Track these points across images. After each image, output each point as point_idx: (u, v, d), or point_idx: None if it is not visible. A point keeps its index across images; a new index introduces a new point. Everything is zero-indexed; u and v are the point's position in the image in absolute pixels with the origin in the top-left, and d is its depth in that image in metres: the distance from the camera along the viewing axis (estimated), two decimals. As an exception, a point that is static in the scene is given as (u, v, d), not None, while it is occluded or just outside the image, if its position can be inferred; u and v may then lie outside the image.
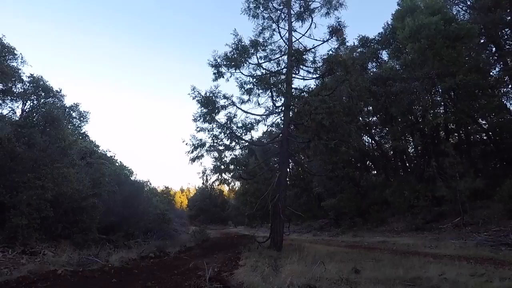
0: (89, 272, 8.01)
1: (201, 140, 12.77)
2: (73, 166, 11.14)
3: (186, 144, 12.73)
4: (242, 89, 13.26)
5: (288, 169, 14.17)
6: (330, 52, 13.46)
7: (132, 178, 27.65)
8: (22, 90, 28.44)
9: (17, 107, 23.93)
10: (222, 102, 13.29)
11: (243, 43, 13.16)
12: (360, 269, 8.20)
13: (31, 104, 30.04)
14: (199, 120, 12.63)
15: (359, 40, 25.72)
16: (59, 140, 10.70)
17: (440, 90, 20.19)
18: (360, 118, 19.01)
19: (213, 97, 13.05)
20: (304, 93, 13.13)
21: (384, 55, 26.04)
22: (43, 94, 31.53)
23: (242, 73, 13.93)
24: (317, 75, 13.84)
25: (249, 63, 14.11)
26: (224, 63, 13.87)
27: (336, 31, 12.73)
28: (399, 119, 22.30)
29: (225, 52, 13.76)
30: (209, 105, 12.67)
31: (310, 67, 14.07)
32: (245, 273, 7.70)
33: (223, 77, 14.02)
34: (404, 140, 22.96)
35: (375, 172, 29.72)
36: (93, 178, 12.86)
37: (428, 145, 20.25)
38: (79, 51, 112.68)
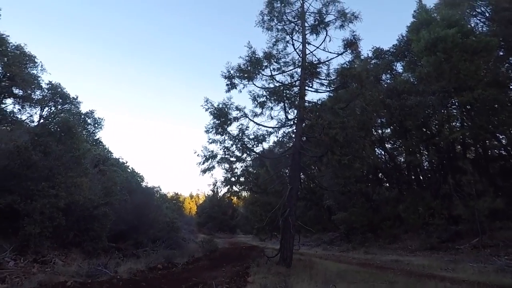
0: (98, 284, 7.95)
1: (212, 151, 12.76)
2: (86, 175, 11.23)
3: (198, 155, 12.75)
4: (255, 102, 13.23)
5: (299, 183, 13.97)
6: (344, 65, 13.37)
7: (143, 185, 27.92)
8: (41, 96, 29.30)
9: (35, 113, 24.61)
10: (234, 113, 13.30)
11: (256, 56, 13.19)
12: (373, 292, 7.91)
13: (49, 110, 30.89)
14: (211, 131, 12.64)
15: (373, 52, 25.46)
16: (74, 149, 10.83)
17: (457, 104, 19.72)
18: (373, 131, 18.60)
19: (226, 109, 13.06)
20: (317, 106, 12.98)
21: (399, 68, 25.76)
22: (60, 100, 32.39)
23: (255, 85, 13.95)
24: (331, 88, 13.70)
25: (262, 75, 14.11)
26: (238, 74, 13.92)
27: (351, 44, 12.61)
28: (414, 133, 21.83)
29: (239, 64, 13.83)
30: (221, 116, 12.67)
31: (324, 80, 13.98)
32: (253, 293, 7.52)
33: (235, 88, 14.06)
34: (419, 154, 22.42)
35: (387, 185, 29.10)
36: (105, 187, 12.96)
37: (444, 160, 19.70)
38: (90, 55, 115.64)
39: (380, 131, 25.10)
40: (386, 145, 26.00)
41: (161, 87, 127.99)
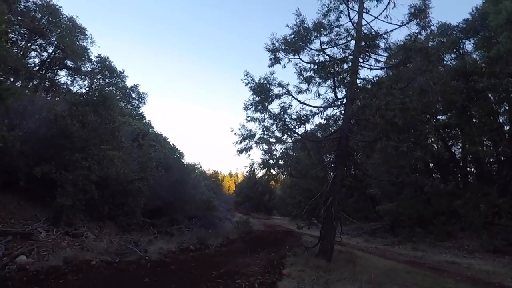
0: (125, 264, 7.58)
1: (250, 130, 11.78)
2: (120, 148, 10.91)
3: (235, 134, 11.85)
4: (301, 77, 11.88)
5: (344, 169, 12.60)
6: (408, 38, 11.42)
7: (183, 162, 28.08)
8: (90, 69, 30.14)
9: (85, 85, 25.35)
10: (276, 90, 12.08)
11: (305, 25, 11.69)
12: (432, 306, 6.60)
13: (98, 83, 31.80)
14: (250, 108, 11.61)
15: (438, 28, 22.28)
16: (108, 121, 10.49)
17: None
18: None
19: (267, 85, 11.89)
20: (372, 85, 11.31)
21: (468, 46, 22.39)
22: (108, 73, 33.17)
23: (301, 59, 12.53)
24: (389, 65, 11.86)
25: (310, 49, 12.61)
26: (283, 47, 12.58)
27: (420, 12, 10.62)
28: (480, 120, 19.04)
29: (284, 36, 12.46)
30: (262, 92, 11.55)
31: (381, 55, 12.14)
32: (290, 292, 6.63)
33: (279, 63, 12.74)
34: (485, 146, 19.60)
35: (438, 177, 26.19)
36: (141, 162, 12.68)
37: (516, 153, 16.93)
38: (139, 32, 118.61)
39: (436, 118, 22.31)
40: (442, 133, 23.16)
41: (202, 66, 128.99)
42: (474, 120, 20.34)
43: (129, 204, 11.45)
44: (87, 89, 12.03)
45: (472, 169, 23.49)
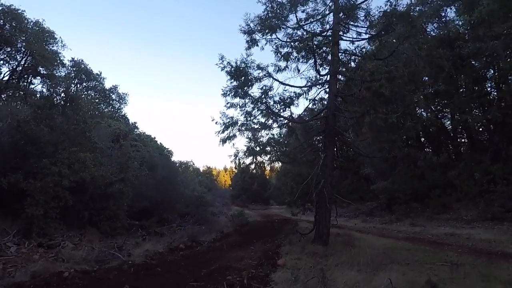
0: (104, 272, 6.96)
1: (232, 118, 11.12)
2: (93, 150, 10.18)
3: (216, 123, 11.19)
4: (278, 54, 11.22)
5: (334, 150, 12.08)
6: (388, 6, 10.82)
7: (172, 159, 27.33)
8: (65, 74, 28.78)
9: (61, 91, 24.21)
10: (255, 73, 11.42)
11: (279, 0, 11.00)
12: (436, 282, 6.15)
13: (75, 87, 30.49)
14: (229, 94, 10.95)
15: (418, -4, 21.71)
16: (77, 121, 9.73)
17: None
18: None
19: (246, 68, 11.21)
20: (356, 56, 10.73)
21: (450, 14, 21.88)
22: (84, 77, 31.86)
23: (278, 38, 11.84)
24: (370, 35, 11.25)
25: (287, 27, 11.93)
26: (258, 28, 11.89)
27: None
28: (469, 88, 18.68)
29: (259, 15, 11.75)
30: (240, 76, 10.88)
31: (362, 26, 11.50)
32: (282, 285, 6.10)
33: (257, 45, 12.07)
34: (474, 114, 19.27)
35: (430, 150, 25.95)
36: (120, 162, 11.97)
37: (507, 117, 16.62)
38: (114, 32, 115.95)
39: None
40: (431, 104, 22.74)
41: (192, 66, 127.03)
42: (462, 88, 20.02)
43: (111, 207, 10.78)
44: (50, 90, 11.14)
45: (463, 140, 23.28)
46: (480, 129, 21.45)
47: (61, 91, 10.27)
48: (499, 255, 8.81)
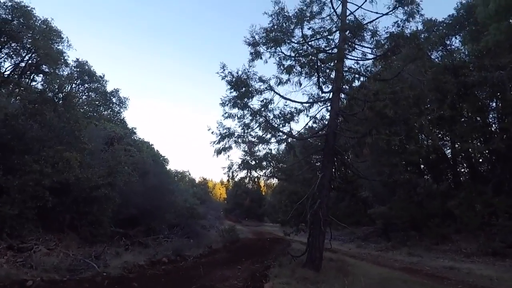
0: (75, 283, 6.38)
1: (229, 129, 10.73)
2: (80, 150, 9.73)
3: (212, 132, 10.79)
4: (281, 66, 10.95)
5: (333, 170, 11.64)
6: (395, 28, 10.63)
7: (166, 168, 26.78)
8: (68, 73, 28.65)
9: (56, 88, 23.99)
10: (257, 85, 11.13)
11: (285, 13, 10.82)
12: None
13: (77, 88, 30.33)
14: (227, 104, 10.61)
15: (424, 24, 21.77)
16: (67, 119, 9.33)
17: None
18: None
19: (247, 79, 10.92)
20: (360, 75, 10.45)
21: (455, 43, 21.89)
22: (87, 78, 31.73)
23: (283, 53, 11.61)
24: (376, 55, 11.02)
25: (291, 41, 11.72)
26: (263, 41, 11.68)
27: (407, -2, 9.85)
28: (472, 117, 18.40)
29: (265, 28, 11.56)
30: (241, 87, 10.57)
31: (367, 47, 11.28)
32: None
33: (261, 57, 11.82)
34: (477, 142, 18.94)
35: (428, 178, 25.39)
36: (109, 166, 11.48)
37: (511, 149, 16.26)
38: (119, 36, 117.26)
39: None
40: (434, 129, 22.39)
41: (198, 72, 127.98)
42: (464, 117, 19.76)
43: (95, 212, 10.22)
44: (44, 85, 10.78)
45: (463, 169, 22.87)
46: (481, 160, 21.09)
47: (56, 87, 9.80)
48: (502, 295, 8.24)
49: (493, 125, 19.29)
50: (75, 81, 28.69)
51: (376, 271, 11.10)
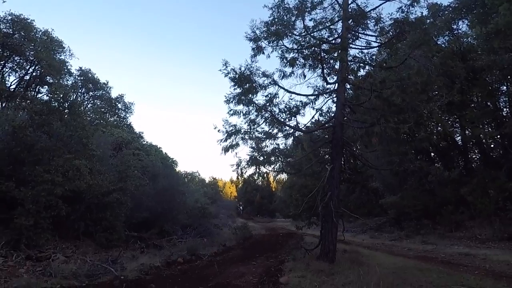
0: (93, 288, 6.51)
1: (235, 126, 10.70)
2: (89, 157, 9.82)
3: (219, 131, 10.78)
4: (284, 59, 10.86)
5: (342, 162, 11.55)
6: (399, 13, 10.44)
7: (176, 169, 26.94)
8: (72, 83, 28.92)
9: (61, 97, 24.24)
10: (260, 80, 11.06)
11: (286, 5, 10.72)
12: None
13: (81, 96, 30.62)
14: (232, 101, 10.58)
15: (429, 9, 21.27)
16: (74, 127, 9.41)
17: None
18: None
19: (250, 75, 10.86)
20: (365, 64, 10.31)
21: (462, 27, 21.37)
22: (91, 86, 31.98)
23: (285, 45, 11.52)
24: (381, 43, 10.85)
25: (293, 34, 11.61)
26: (265, 35, 11.59)
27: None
28: (482, 102, 18.04)
29: (265, 22, 11.47)
30: (245, 83, 10.51)
31: (371, 35, 11.11)
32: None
33: (263, 52, 11.74)
34: (488, 127, 18.59)
35: (439, 165, 25.01)
36: (119, 171, 11.59)
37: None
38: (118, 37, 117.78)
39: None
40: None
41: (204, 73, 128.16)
42: (473, 103, 19.40)
43: (108, 218, 10.34)
44: (50, 95, 10.91)
45: (474, 156, 22.47)
46: (492, 145, 20.69)
47: (60, 97, 9.89)
48: (523, 278, 8.10)
49: (504, 109, 18.93)
50: (80, 90, 28.97)
51: (391, 260, 11.03)
